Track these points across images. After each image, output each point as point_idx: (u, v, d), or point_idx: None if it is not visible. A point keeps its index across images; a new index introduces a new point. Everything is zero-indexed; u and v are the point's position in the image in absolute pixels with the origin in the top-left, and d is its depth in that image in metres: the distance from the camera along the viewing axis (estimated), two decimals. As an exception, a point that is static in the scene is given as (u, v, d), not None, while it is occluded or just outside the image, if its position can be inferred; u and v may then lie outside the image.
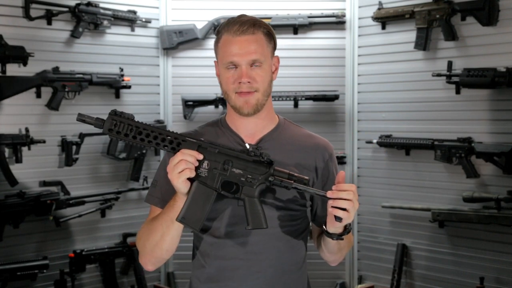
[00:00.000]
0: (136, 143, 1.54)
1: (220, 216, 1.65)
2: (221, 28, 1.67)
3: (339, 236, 1.59)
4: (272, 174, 1.56)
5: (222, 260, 1.66)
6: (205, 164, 1.55)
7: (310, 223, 1.77)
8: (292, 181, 1.55)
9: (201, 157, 1.53)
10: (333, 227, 1.57)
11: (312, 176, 1.69)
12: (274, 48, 1.71)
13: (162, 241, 1.61)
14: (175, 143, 1.55)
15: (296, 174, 1.56)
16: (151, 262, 1.68)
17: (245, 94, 1.63)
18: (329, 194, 1.51)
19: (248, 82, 1.62)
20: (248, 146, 1.61)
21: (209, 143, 1.57)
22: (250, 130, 1.70)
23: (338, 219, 1.52)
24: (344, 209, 1.50)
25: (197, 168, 1.53)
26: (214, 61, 1.73)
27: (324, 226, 1.61)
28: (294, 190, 1.60)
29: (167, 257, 1.67)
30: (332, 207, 1.51)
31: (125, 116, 1.54)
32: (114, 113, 1.53)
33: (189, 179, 1.53)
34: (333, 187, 1.52)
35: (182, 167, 1.50)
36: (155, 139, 1.54)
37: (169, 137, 1.55)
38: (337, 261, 1.78)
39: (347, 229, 1.59)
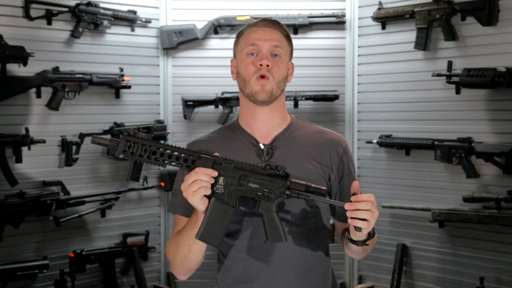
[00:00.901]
0: (151, 162, 1.55)
1: (242, 219, 1.66)
2: (243, 28, 1.74)
3: (363, 243, 1.59)
4: (289, 187, 1.55)
5: (246, 263, 1.67)
6: (220, 180, 1.55)
7: (332, 219, 1.78)
8: (310, 194, 1.55)
9: (215, 174, 1.53)
10: (356, 236, 1.57)
11: (327, 172, 1.70)
12: (291, 54, 1.77)
13: (190, 254, 1.63)
14: (190, 160, 1.55)
15: (313, 185, 1.56)
16: (183, 273, 1.72)
17: (263, 78, 1.66)
18: (347, 206, 1.50)
19: (267, 65, 1.66)
20: (262, 146, 1.63)
21: (223, 158, 1.56)
22: (264, 130, 1.72)
23: (358, 229, 1.52)
24: (364, 219, 1.50)
25: (213, 185, 1.53)
26: (231, 60, 1.77)
27: (347, 234, 1.61)
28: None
29: (197, 266, 1.70)
30: (351, 218, 1.50)
31: (139, 136, 1.55)
32: (127, 134, 1.55)
33: (206, 195, 1.53)
34: (352, 198, 1.51)
35: (197, 186, 1.51)
36: (170, 158, 1.55)
37: (183, 155, 1.55)
38: (362, 256, 1.77)
39: (371, 235, 1.58)
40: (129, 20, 3.76)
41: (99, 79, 3.59)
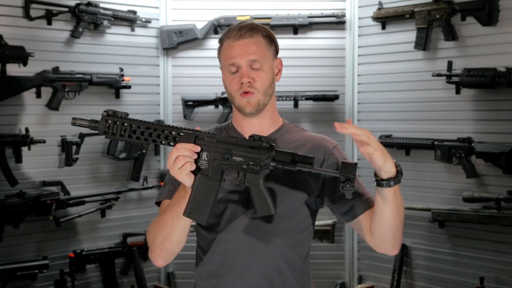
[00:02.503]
0: (133, 141, 1.52)
1: (220, 213, 1.67)
2: (223, 37, 1.73)
3: (395, 179, 1.54)
4: (274, 158, 1.52)
5: (222, 256, 1.67)
6: (204, 155, 1.52)
7: (355, 220, 1.73)
8: (296, 164, 1.51)
9: (198, 149, 1.50)
10: (384, 170, 1.52)
11: (316, 174, 1.68)
12: (276, 51, 1.75)
13: (172, 233, 1.60)
14: (171, 137, 1.52)
15: (299, 154, 1.52)
16: (161, 257, 1.66)
17: (246, 94, 1.67)
18: (336, 125, 1.47)
19: (249, 82, 1.66)
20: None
21: (206, 133, 1.54)
22: (255, 131, 1.71)
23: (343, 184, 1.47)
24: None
25: (196, 161, 1.51)
26: (220, 68, 1.77)
27: (375, 178, 1.56)
28: (294, 187, 1.63)
29: (177, 250, 1.66)
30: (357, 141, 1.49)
31: (119, 115, 1.51)
32: (107, 114, 1.51)
33: (192, 171, 1.51)
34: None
35: (181, 162, 1.49)
36: (151, 135, 1.52)
37: (165, 132, 1.52)
38: (397, 241, 1.68)
39: (399, 170, 1.55)
40: (129, 20, 3.76)
41: (99, 79, 3.59)
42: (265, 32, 1.71)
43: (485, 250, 3.38)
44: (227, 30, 1.72)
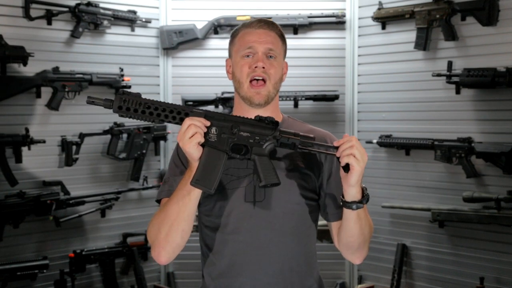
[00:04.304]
0: (145, 118, 1.60)
1: (227, 213, 1.68)
2: (238, 28, 1.78)
3: (359, 204, 1.59)
4: (279, 134, 1.61)
5: (232, 256, 1.68)
6: (213, 130, 1.59)
7: (327, 223, 1.79)
8: (299, 138, 1.60)
9: (208, 123, 1.57)
10: (349, 192, 1.57)
11: (316, 170, 1.73)
12: (285, 52, 1.80)
13: (178, 220, 1.60)
14: (183, 113, 1.59)
15: (301, 133, 1.61)
16: (165, 251, 1.64)
17: (257, 87, 1.70)
18: (335, 143, 1.57)
19: (263, 67, 1.70)
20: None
21: (214, 112, 1.61)
22: None
23: (346, 170, 1.54)
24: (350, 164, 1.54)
25: (206, 135, 1.57)
26: (226, 60, 1.80)
27: (342, 197, 1.62)
28: (298, 183, 1.66)
29: (182, 242, 1.64)
30: (341, 157, 1.54)
31: (133, 94, 1.62)
32: (122, 92, 1.61)
33: (200, 144, 1.56)
34: (335, 143, 1.59)
35: (192, 131, 1.53)
36: (163, 111, 1.60)
37: (176, 109, 1.59)
38: (361, 254, 1.76)
39: (365, 196, 1.61)
40: (129, 20, 3.76)
41: (99, 79, 3.59)
42: (280, 31, 1.78)
43: (485, 250, 3.38)
44: (242, 24, 1.78)
